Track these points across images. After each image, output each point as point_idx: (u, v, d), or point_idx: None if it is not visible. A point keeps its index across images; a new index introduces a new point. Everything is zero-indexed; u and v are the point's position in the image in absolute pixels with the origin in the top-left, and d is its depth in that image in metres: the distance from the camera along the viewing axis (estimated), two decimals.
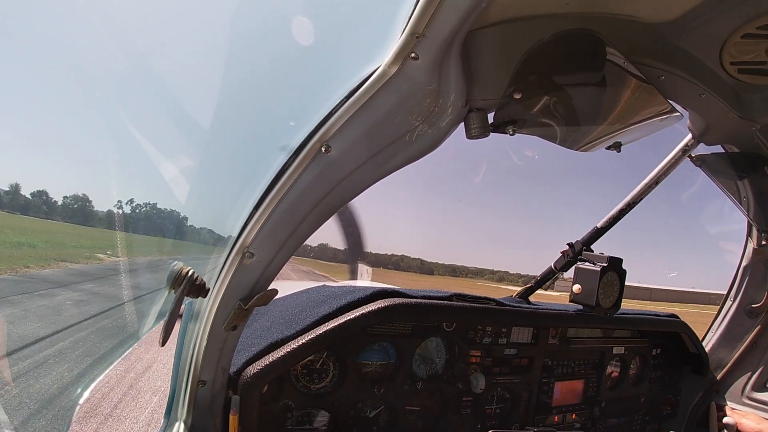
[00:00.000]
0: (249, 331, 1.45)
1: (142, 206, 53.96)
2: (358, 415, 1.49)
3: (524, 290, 2.03)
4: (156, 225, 24.70)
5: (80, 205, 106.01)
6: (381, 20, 0.88)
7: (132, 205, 50.85)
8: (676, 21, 1.04)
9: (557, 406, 1.88)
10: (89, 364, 6.35)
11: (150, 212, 44.64)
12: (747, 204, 1.87)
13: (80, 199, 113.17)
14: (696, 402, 2.22)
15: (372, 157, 0.97)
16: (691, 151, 1.67)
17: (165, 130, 1.33)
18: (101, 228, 56.08)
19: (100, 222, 66.25)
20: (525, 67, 0.99)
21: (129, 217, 44.58)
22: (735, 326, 2.22)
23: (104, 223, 61.86)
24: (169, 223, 6.43)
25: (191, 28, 1.78)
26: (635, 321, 1.99)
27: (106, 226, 54.25)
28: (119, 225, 19.83)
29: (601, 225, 1.91)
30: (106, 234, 44.68)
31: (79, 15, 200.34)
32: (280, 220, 0.99)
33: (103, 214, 75.86)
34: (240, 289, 1.05)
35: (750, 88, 1.28)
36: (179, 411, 1.16)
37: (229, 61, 1.06)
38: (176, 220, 2.49)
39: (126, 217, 40.69)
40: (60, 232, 40.65)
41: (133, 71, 10.45)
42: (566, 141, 1.29)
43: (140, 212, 49.22)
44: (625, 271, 1.78)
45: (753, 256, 2.11)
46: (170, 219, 3.59)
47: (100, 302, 11.00)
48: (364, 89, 0.88)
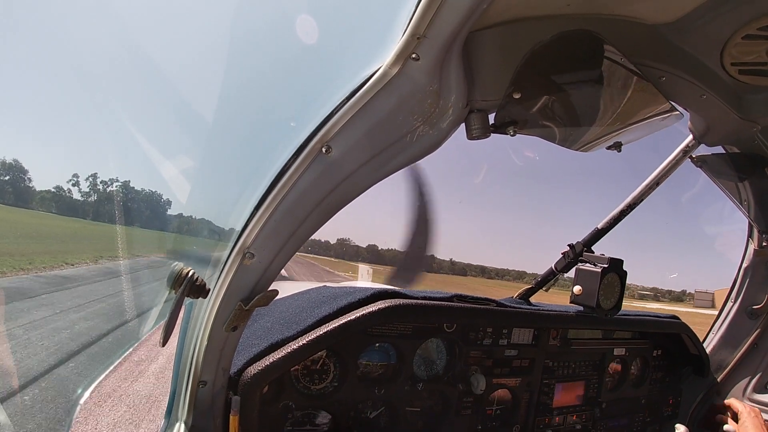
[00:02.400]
0: (249, 331, 1.45)
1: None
2: (359, 415, 1.49)
3: (525, 291, 2.03)
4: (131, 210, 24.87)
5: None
6: (382, 21, 0.88)
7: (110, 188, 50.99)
8: (677, 22, 1.04)
9: (558, 407, 1.88)
10: (90, 364, 6.36)
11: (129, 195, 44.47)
12: (748, 205, 1.87)
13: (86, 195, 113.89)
14: (697, 403, 2.22)
15: (373, 158, 0.97)
16: (692, 151, 1.67)
17: (166, 130, 1.34)
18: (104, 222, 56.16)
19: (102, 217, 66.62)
20: (526, 68, 0.99)
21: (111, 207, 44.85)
22: (736, 328, 2.21)
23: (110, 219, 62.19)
24: (168, 222, 6.44)
25: (193, 29, 1.79)
26: (636, 322, 1.99)
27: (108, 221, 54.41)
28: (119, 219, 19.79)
29: (601, 226, 1.91)
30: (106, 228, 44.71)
31: (84, 14, 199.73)
32: (281, 220, 0.99)
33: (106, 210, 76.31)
34: (240, 290, 1.05)
35: (751, 89, 1.28)
36: (179, 411, 1.16)
37: (231, 62, 1.06)
38: (176, 220, 2.49)
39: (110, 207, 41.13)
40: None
41: (134, 71, 10.53)
42: (566, 141, 1.29)
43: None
44: (625, 273, 1.78)
45: (754, 258, 2.11)
46: (168, 217, 3.60)
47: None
48: (365, 90, 0.88)
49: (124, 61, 51.72)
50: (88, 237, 37.03)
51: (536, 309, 1.79)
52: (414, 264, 4.12)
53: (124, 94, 77.47)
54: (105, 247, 26.14)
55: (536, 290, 2.03)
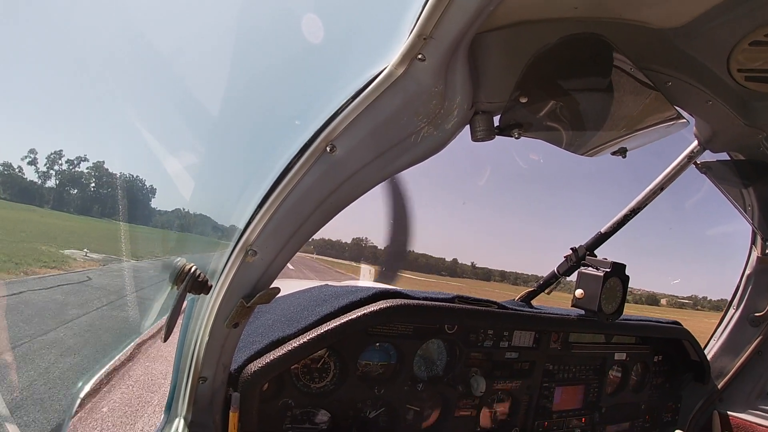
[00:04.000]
0: (250, 328, 1.45)
1: None
2: (358, 415, 1.49)
3: (527, 294, 2.03)
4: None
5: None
6: (389, 21, 0.89)
7: None
8: (685, 27, 1.03)
9: (557, 411, 1.87)
10: (90, 358, 6.36)
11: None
12: (752, 212, 1.86)
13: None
14: (697, 410, 2.21)
15: (377, 158, 0.97)
16: (696, 157, 1.66)
17: (172, 127, 1.35)
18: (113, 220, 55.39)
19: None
20: (532, 71, 0.99)
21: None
22: (737, 335, 2.20)
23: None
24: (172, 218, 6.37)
25: (199, 28, 1.80)
26: (637, 327, 1.98)
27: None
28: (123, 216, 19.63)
29: (605, 230, 1.91)
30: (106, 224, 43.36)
31: (90, 12, 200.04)
32: (284, 218, 0.99)
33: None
34: (242, 287, 1.05)
35: (757, 95, 1.27)
36: (179, 407, 1.16)
37: (237, 59, 1.07)
38: (180, 217, 2.49)
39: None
40: None
41: (139, 67, 10.56)
42: (571, 145, 1.29)
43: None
44: (628, 277, 1.77)
45: (757, 265, 2.10)
46: (168, 212, 3.56)
47: None
48: (371, 89, 0.88)
49: (128, 56, 51.28)
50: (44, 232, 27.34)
51: (538, 312, 1.78)
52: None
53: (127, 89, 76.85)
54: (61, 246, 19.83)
55: (538, 293, 2.03)
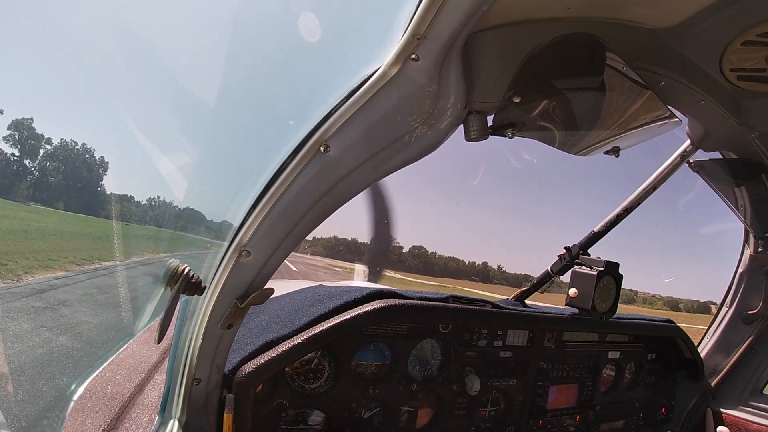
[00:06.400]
0: (244, 329, 1.44)
1: None
2: (353, 415, 1.49)
3: (520, 293, 2.03)
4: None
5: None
6: (382, 21, 0.88)
7: None
8: (677, 27, 1.04)
9: (552, 410, 1.88)
10: (83, 360, 6.30)
11: None
12: (744, 211, 1.88)
13: None
14: (690, 408, 2.23)
15: (371, 158, 0.97)
16: (689, 156, 1.68)
17: (163, 127, 1.34)
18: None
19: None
20: (525, 71, 0.99)
21: None
22: (730, 332, 2.22)
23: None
24: (164, 219, 6.29)
25: (192, 27, 1.78)
26: (631, 326, 1.99)
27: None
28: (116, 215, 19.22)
29: (598, 229, 1.92)
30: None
31: (82, 10, 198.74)
32: (278, 219, 0.99)
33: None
34: (236, 288, 1.04)
35: (749, 95, 1.28)
36: (173, 409, 1.15)
37: (230, 59, 1.06)
38: (173, 217, 2.47)
39: None
40: None
41: (132, 65, 10.48)
42: (564, 145, 1.29)
43: None
44: (621, 276, 1.78)
45: (749, 263, 2.12)
46: (167, 216, 3.55)
47: None
48: (364, 89, 0.88)
49: (121, 55, 50.75)
50: None
51: (531, 311, 1.79)
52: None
53: (120, 88, 76.10)
54: None
55: (532, 292, 2.04)
